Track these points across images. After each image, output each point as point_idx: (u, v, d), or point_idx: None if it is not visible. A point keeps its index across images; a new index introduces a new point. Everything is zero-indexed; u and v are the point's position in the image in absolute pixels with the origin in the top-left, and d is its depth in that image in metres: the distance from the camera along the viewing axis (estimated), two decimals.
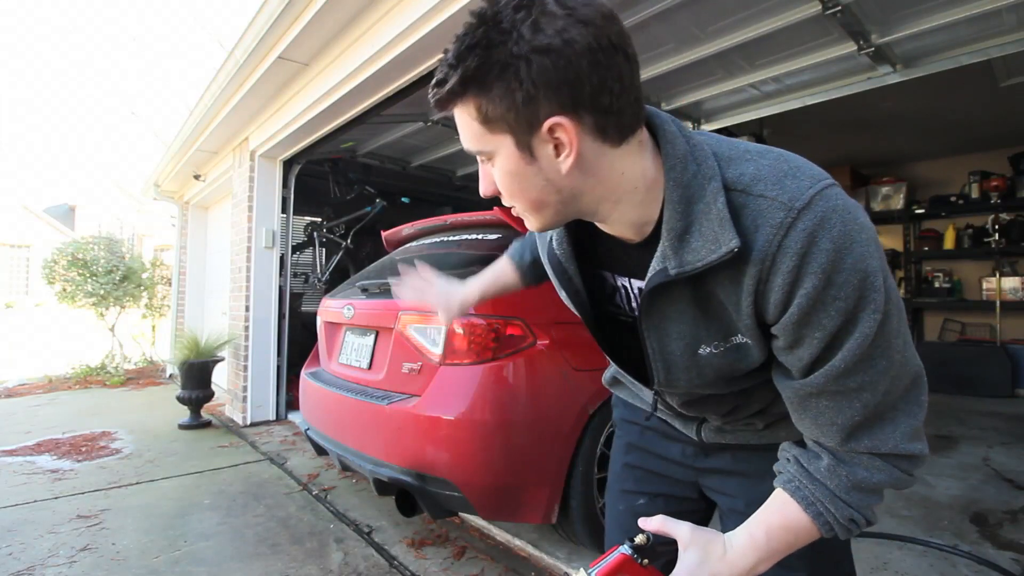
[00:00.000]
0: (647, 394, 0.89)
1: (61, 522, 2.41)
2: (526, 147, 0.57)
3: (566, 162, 0.57)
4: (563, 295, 0.79)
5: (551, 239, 0.76)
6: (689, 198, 0.60)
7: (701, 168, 0.61)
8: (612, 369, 0.99)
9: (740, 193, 0.59)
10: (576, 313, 0.80)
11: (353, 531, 2.35)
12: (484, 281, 1.10)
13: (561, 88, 0.53)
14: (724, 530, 0.89)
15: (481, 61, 0.53)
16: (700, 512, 0.96)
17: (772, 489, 0.68)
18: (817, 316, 0.56)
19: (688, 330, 0.66)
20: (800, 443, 0.69)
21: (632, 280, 0.73)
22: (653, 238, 0.64)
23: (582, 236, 0.74)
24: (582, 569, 0.61)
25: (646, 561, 0.63)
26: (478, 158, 0.63)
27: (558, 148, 0.57)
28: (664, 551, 0.64)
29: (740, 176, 0.60)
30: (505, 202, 0.65)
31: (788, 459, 0.68)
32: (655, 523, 0.65)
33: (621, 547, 0.63)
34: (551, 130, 0.55)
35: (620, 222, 0.65)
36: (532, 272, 1.07)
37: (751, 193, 0.59)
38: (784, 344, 0.61)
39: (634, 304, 0.75)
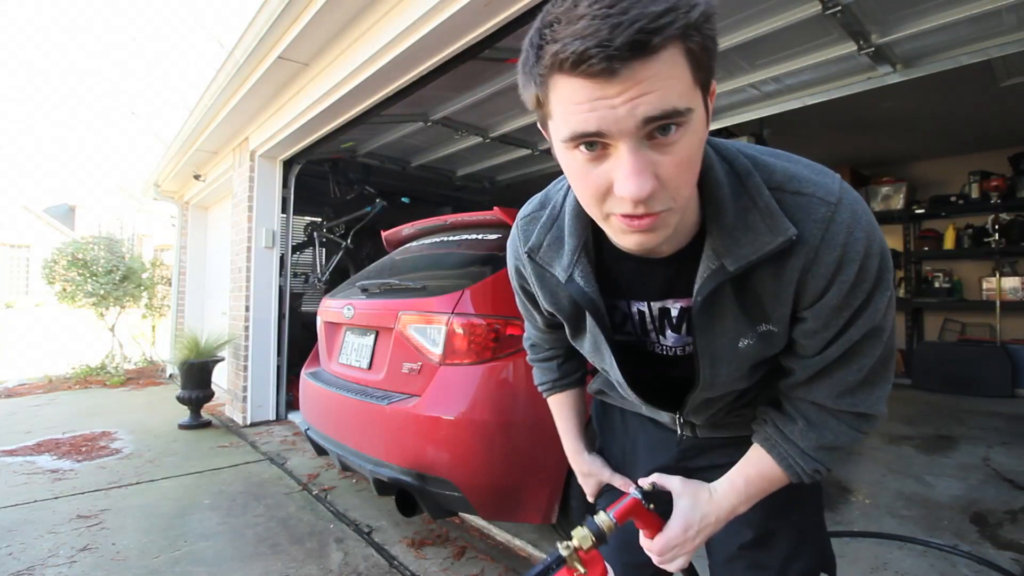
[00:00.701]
0: (663, 415, 0.89)
1: (61, 522, 2.41)
2: (706, 107, 0.53)
3: (705, 133, 0.55)
4: (588, 333, 0.77)
5: (571, 275, 0.71)
6: (728, 196, 0.61)
7: (734, 166, 0.63)
8: (600, 382, 0.99)
9: (776, 190, 0.61)
10: (585, 349, 0.80)
11: (353, 531, 2.35)
12: (576, 440, 1.02)
13: None
14: None
15: (709, 0, 0.48)
16: None
17: None
18: (848, 299, 0.61)
19: (731, 324, 0.67)
20: (775, 405, 0.75)
21: (652, 303, 0.73)
22: (689, 247, 0.65)
23: (600, 271, 0.73)
24: (601, 512, 0.70)
25: (652, 506, 0.73)
26: (633, 144, 0.49)
27: (708, 116, 0.55)
28: (663, 499, 0.74)
29: (772, 174, 0.62)
30: (664, 196, 0.52)
31: (765, 420, 0.75)
32: (651, 478, 0.75)
33: (631, 492, 0.73)
34: (712, 92, 0.55)
35: (681, 224, 0.62)
36: (570, 363, 1.01)
37: (787, 190, 0.61)
38: (813, 327, 0.64)
39: (649, 326, 0.76)
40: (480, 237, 2.31)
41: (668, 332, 0.75)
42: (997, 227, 5.03)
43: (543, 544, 2.16)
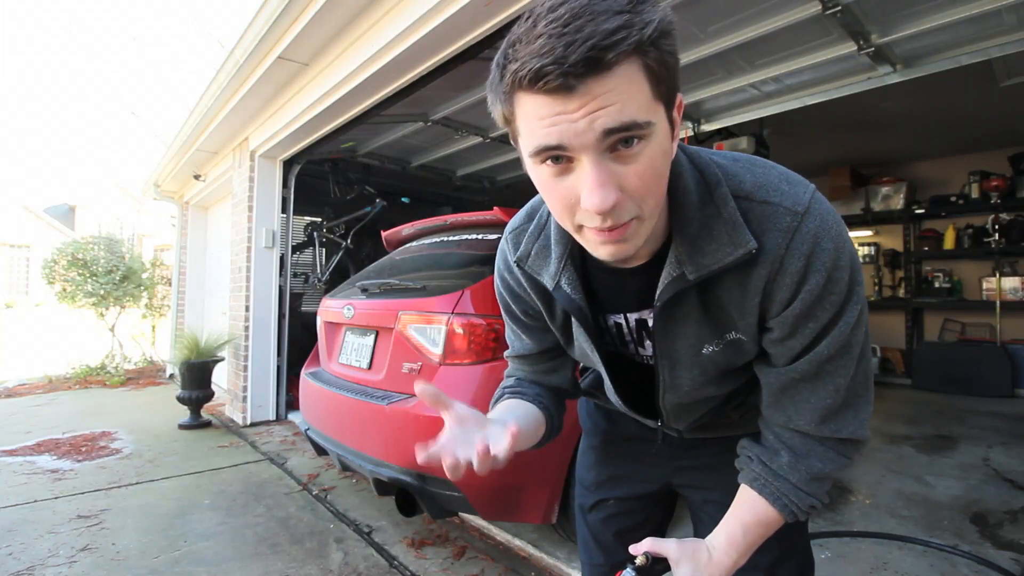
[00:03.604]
0: (647, 421, 0.90)
1: (61, 522, 2.41)
2: (671, 120, 0.54)
3: (675, 145, 0.57)
4: (576, 340, 0.78)
5: (559, 283, 0.71)
6: (695, 204, 0.62)
7: (705, 175, 0.63)
8: (590, 382, 0.99)
9: (743, 199, 0.61)
10: (577, 355, 0.82)
11: (353, 531, 2.35)
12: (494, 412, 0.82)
13: None
14: (696, 520, 0.94)
15: (661, 16, 0.48)
16: (666, 507, 1.01)
17: None
18: (814, 310, 0.61)
19: (693, 330, 0.68)
20: (756, 439, 0.73)
21: (628, 315, 0.74)
22: (658, 255, 0.66)
23: (584, 280, 0.74)
24: None
25: None
26: (594, 157, 0.50)
27: (674, 128, 0.56)
28: (660, 569, 0.69)
29: (741, 184, 0.62)
30: (630, 205, 0.53)
31: (750, 458, 0.72)
32: (644, 545, 0.68)
33: (625, 572, 0.68)
34: (679, 105, 0.55)
35: (651, 234, 0.62)
36: (531, 387, 0.88)
37: (754, 199, 0.61)
38: (779, 336, 0.64)
39: (627, 337, 0.76)
40: (480, 237, 2.31)
41: (646, 342, 0.75)
42: (997, 227, 5.03)
43: (543, 544, 2.16)
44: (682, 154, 0.64)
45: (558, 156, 0.51)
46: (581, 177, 0.51)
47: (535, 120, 0.50)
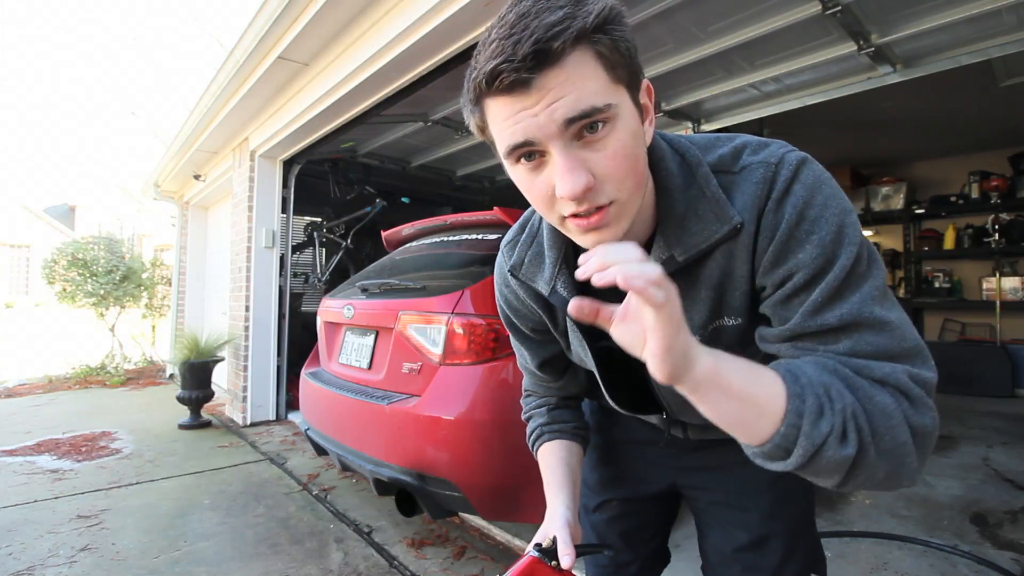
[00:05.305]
0: (651, 418, 0.90)
1: (61, 522, 2.41)
2: (637, 103, 0.55)
3: (649, 129, 0.58)
4: (573, 343, 0.78)
5: (554, 287, 0.71)
6: (680, 186, 0.62)
7: (685, 157, 0.64)
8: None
9: (724, 173, 0.62)
10: (574, 358, 0.81)
11: (353, 531, 2.35)
12: (557, 492, 0.84)
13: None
14: (700, 522, 0.92)
15: (603, 5, 0.50)
16: (670, 508, 1.00)
17: (751, 477, 0.69)
18: (793, 249, 0.56)
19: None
20: None
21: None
22: (648, 244, 0.65)
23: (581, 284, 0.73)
24: None
25: (555, 563, 0.66)
26: (560, 145, 0.51)
27: (645, 113, 0.57)
28: (583, 551, 0.67)
29: (721, 159, 0.63)
30: (607, 189, 0.53)
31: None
32: (553, 533, 0.65)
33: (530, 551, 0.67)
34: (646, 90, 0.57)
35: (637, 222, 0.62)
36: (562, 411, 0.91)
37: (733, 170, 0.61)
38: (771, 290, 0.59)
39: None
40: (480, 237, 2.31)
41: None
42: (997, 227, 5.03)
43: None
44: (662, 140, 0.65)
45: (530, 153, 0.53)
46: (553, 168, 0.53)
47: (501, 121, 0.53)
